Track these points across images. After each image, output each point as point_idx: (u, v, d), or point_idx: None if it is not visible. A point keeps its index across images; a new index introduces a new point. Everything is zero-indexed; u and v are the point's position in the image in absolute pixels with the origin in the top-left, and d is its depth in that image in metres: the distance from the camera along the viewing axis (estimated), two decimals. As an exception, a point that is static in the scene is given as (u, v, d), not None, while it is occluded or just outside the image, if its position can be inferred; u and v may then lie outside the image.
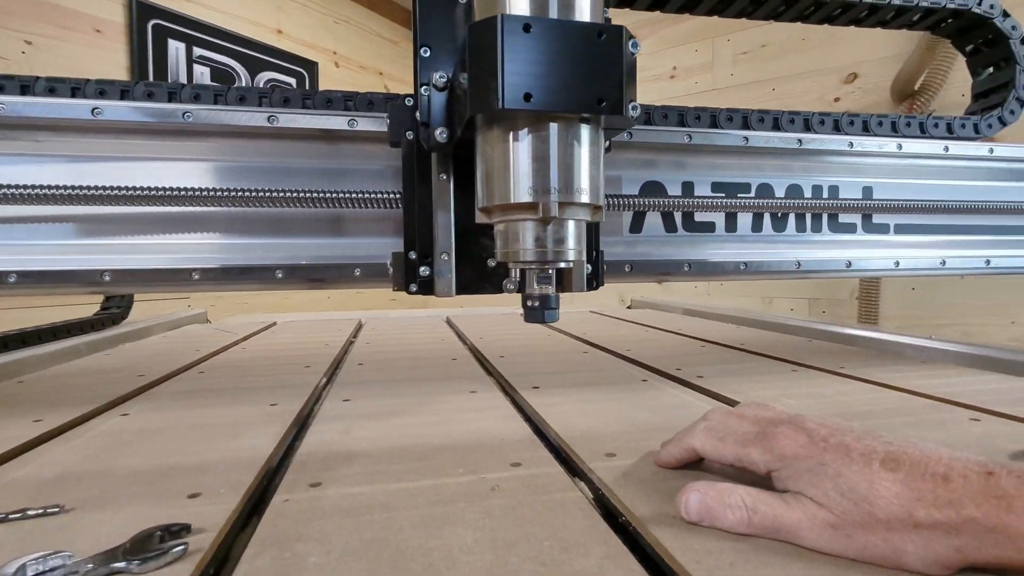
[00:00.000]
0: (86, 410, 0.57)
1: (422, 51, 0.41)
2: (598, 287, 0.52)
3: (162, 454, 0.46)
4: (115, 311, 1.17)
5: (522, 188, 0.35)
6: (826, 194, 0.64)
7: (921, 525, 0.26)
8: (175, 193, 0.44)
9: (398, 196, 0.49)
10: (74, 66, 1.98)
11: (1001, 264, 0.68)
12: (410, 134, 0.47)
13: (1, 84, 0.47)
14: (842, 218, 0.65)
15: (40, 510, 0.35)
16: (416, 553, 0.30)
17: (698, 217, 0.61)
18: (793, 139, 0.60)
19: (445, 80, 0.39)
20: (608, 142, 0.43)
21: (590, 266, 0.50)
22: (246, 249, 0.49)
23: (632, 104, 0.34)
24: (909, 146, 0.63)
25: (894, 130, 0.65)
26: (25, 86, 0.48)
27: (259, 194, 0.46)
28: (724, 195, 0.60)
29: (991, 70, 0.73)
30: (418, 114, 0.46)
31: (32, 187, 0.41)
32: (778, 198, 0.62)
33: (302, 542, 0.31)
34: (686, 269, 0.58)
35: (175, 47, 2.27)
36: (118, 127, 0.45)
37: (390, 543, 0.31)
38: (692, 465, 0.39)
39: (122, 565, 0.28)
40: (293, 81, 2.64)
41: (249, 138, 0.49)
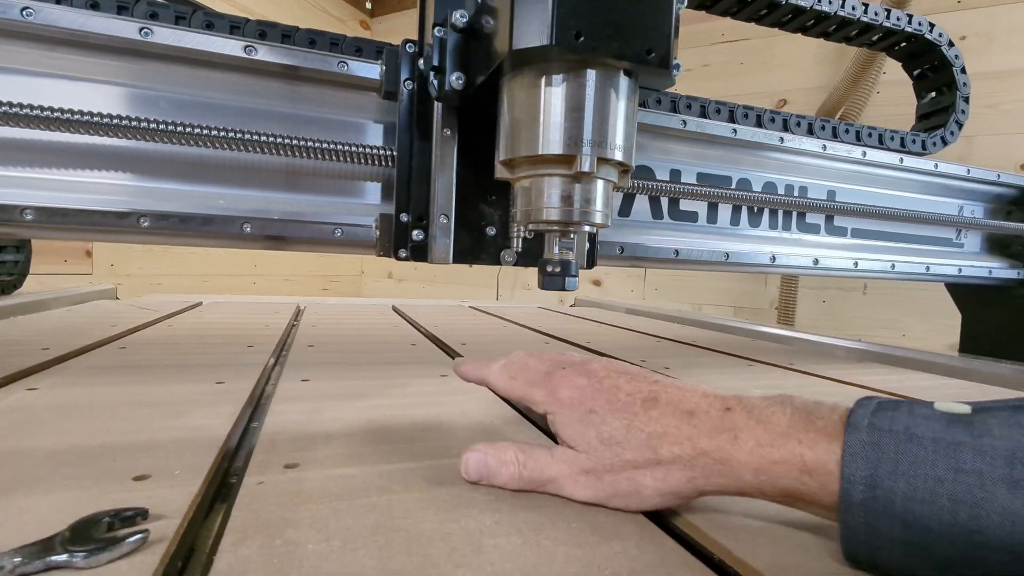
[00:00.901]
0: (-22, 383, 0.47)
1: (437, -12, 0.37)
2: (591, 267, 0.51)
3: (90, 433, 0.38)
4: (6, 279, 1.00)
5: (554, 139, 0.32)
6: (797, 193, 0.67)
7: (663, 461, 0.28)
8: (124, 122, 0.37)
9: (389, 153, 0.44)
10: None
11: (937, 271, 0.74)
12: (409, 84, 0.43)
13: None
14: (809, 218, 0.68)
15: (-66, 494, 0.28)
16: (433, 538, 0.26)
17: (683, 206, 0.61)
18: (775, 136, 0.62)
19: (466, 20, 0.35)
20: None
21: (588, 243, 0.48)
22: (206, 197, 0.43)
23: (676, 61, 0.32)
24: (873, 154, 0.67)
25: (858, 139, 0.69)
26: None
27: (228, 135, 0.40)
28: (709, 184, 0.61)
29: (934, 94, 0.79)
30: (422, 62, 0.42)
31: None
32: (756, 192, 0.63)
33: (292, 528, 0.27)
34: (674, 256, 0.58)
35: None
36: (57, 36, 0.38)
37: (399, 527, 0.27)
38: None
39: (63, 558, 0.22)
40: (225, 47, 2.44)
41: (216, 69, 0.43)
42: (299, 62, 0.43)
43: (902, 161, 0.69)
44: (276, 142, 0.41)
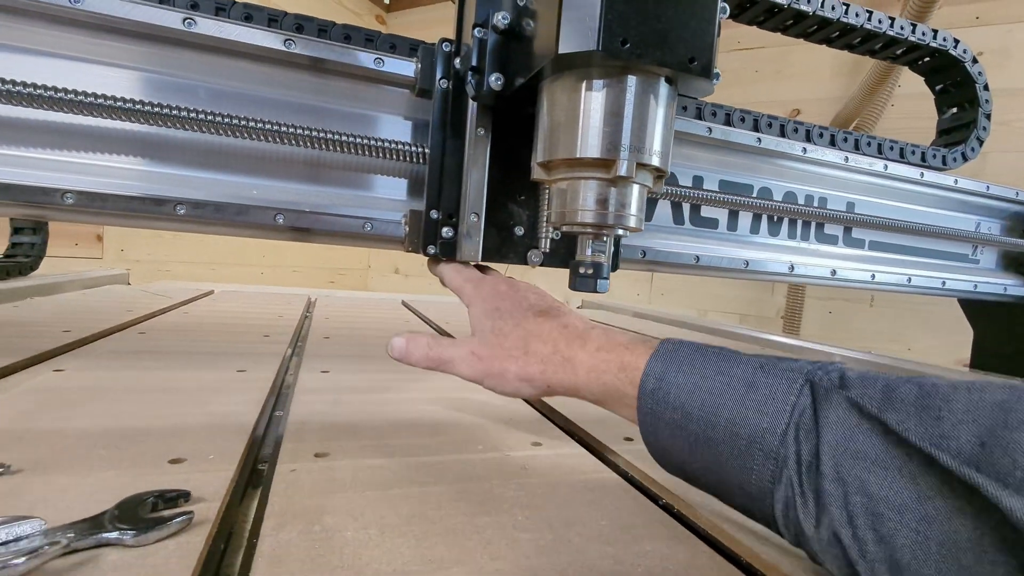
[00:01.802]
0: (4, 363, 0.48)
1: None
2: (614, 270, 0.51)
3: (122, 416, 0.39)
4: (23, 260, 1.01)
5: (593, 143, 0.32)
6: (816, 204, 0.67)
7: (528, 353, 0.33)
8: (165, 111, 0.38)
9: (420, 150, 0.45)
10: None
11: (953, 286, 0.74)
12: (444, 82, 0.43)
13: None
14: (827, 229, 0.68)
15: (-21, 469, 0.28)
16: (468, 530, 0.27)
17: (704, 212, 0.62)
18: (799, 147, 0.62)
19: (508, 21, 0.36)
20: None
21: (612, 247, 0.49)
22: (240, 187, 0.43)
23: (716, 70, 0.32)
24: (894, 168, 0.67)
25: (879, 152, 0.69)
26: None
27: (265, 126, 0.40)
28: (731, 192, 0.61)
29: (955, 110, 0.80)
30: (458, 61, 0.43)
31: (-12, 75, 0.34)
32: (776, 201, 0.63)
33: (329, 515, 0.27)
34: (695, 262, 0.58)
35: None
36: (101, 23, 0.38)
37: (433, 519, 0.28)
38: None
39: (113, 535, 0.23)
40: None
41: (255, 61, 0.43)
42: (337, 57, 0.43)
43: (922, 175, 0.69)
44: (311, 135, 0.42)
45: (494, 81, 0.37)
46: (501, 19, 0.36)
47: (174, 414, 0.40)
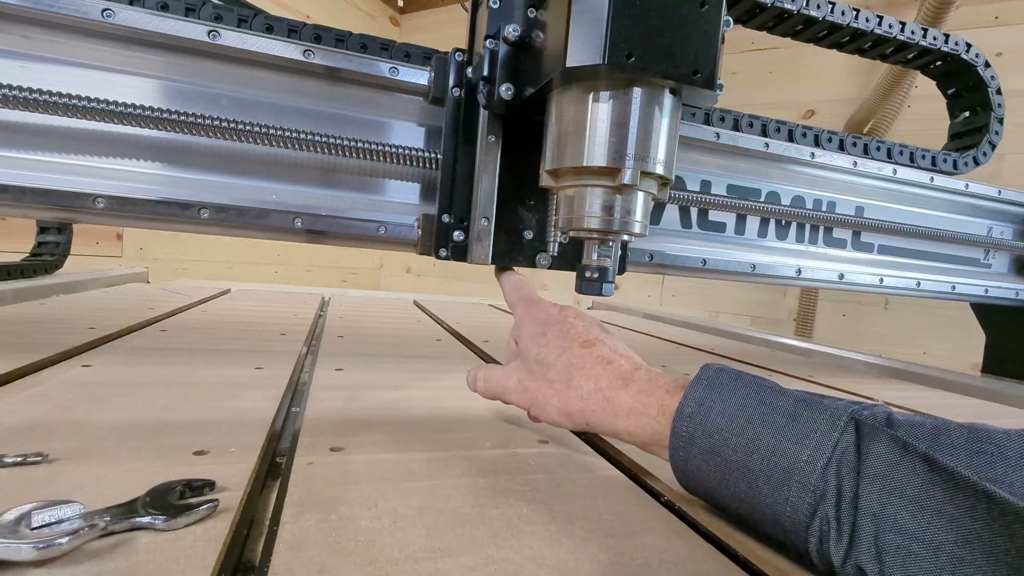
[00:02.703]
0: (36, 358, 0.50)
1: (491, 2, 0.39)
2: (621, 273, 0.52)
3: (147, 409, 0.41)
4: (48, 259, 1.04)
5: (599, 152, 0.33)
6: (825, 208, 0.67)
7: (571, 387, 0.34)
8: (191, 119, 0.40)
9: (434, 156, 0.46)
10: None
11: (963, 290, 0.74)
12: (456, 91, 0.45)
13: (-17, -32, 0.41)
14: (836, 233, 0.69)
15: (19, 457, 0.30)
16: (476, 521, 0.28)
17: (712, 216, 0.62)
18: (807, 151, 0.62)
19: (518, 34, 0.37)
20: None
21: (619, 250, 0.50)
22: (261, 191, 0.45)
23: (720, 81, 0.33)
24: (903, 172, 0.67)
25: (889, 157, 0.69)
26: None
27: (285, 133, 0.42)
28: (738, 197, 0.62)
29: (967, 114, 0.79)
30: (470, 70, 0.44)
31: (30, 90, 0.36)
32: (784, 205, 0.64)
33: (345, 506, 0.29)
34: (702, 265, 0.59)
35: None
36: (131, 35, 0.40)
37: (443, 511, 0.29)
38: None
39: (146, 520, 0.25)
40: (258, 40, 2.49)
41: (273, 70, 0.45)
42: (354, 66, 0.45)
43: (932, 180, 0.69)
44: (328, 142, 0.43)
45: (504, 91, 0.38)
46: (512, 31, 0.37)
47: (197, 408, 0.42)
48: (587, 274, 0.36)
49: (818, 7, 0.65)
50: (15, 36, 0.39)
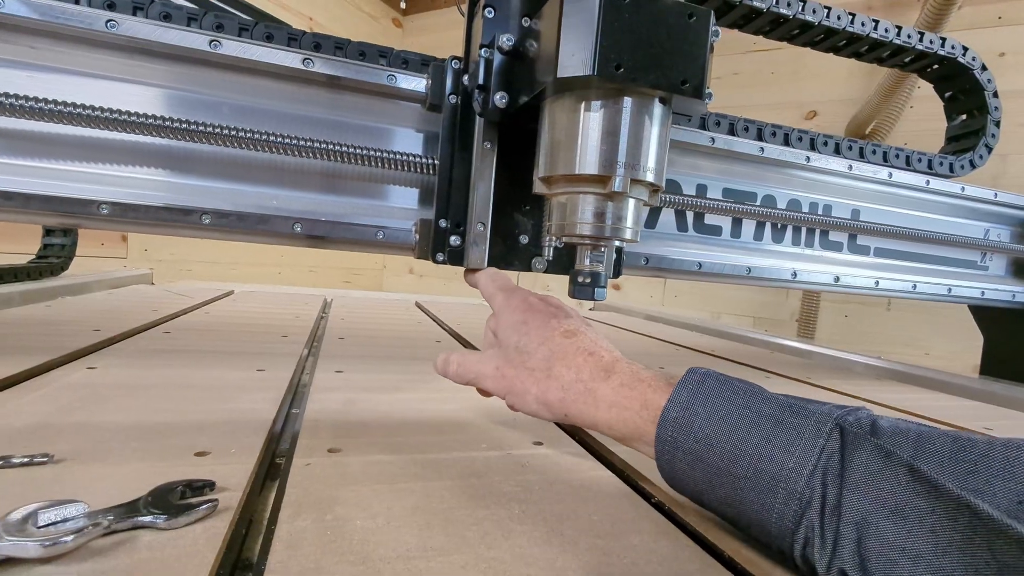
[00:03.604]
0: (42, 360, 0.51)
1: (486, 12, 0.39)
2: (616, 276, 0.53)
3: (150, 411, 0.42)
4: (54, 261, 1.06)
5: (590, 160, 0.34)
6: (821, 211, 0.68)
7: (551, 377, 0.33)
8: (192, 127, 0.41)
9: (431, 162, 0.47)
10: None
11: (959, 292, 0.74)
12: (453, 98, 0.45)
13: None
14: (832, 236, 0.69)
15: (26, 458, 0.31)
16: (467, 522, 0.29)
17: (708, 220, 0.63)
18: (802, 155, 0.63)
19: (512, 43, 0.38)
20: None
21: (614, 254, 0.51)
22: (261, 197, 0.46)
23: (708, 91, 0.34)
24: (899, 175, 0.68)
25: (885, 160, 0.70)
26: (20, -13, 0.42)
27: (285, 140, 0.43)
28: (733, 200, 0.62)
29: (964, 117, 0.80)
30: (466, 78, 0.45)
31: (36, 100, 0.37)
32: (781, 209, 0.64)
33: (340, 506, 0.29)
34: (697, 268, 0.60)
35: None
36: (134, 45, 0.41)
37: (435, 511, 0.30)
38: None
39: (147, 519, 0.25)
40: (261, 42, 2.50)
41: (274, 79, 0.46)
42: (351, 74, 0.46)
43: (928, 183, 0.70)
44: (327, 148, 0.44)
45: (499, 99, 0.39)
46: (506, 41, 0.38)
47: (198, 410, 0.42)
48: (580, 279, 0.37)
49: (813, 12, 0.66)
50: (22, 47, 0.40)
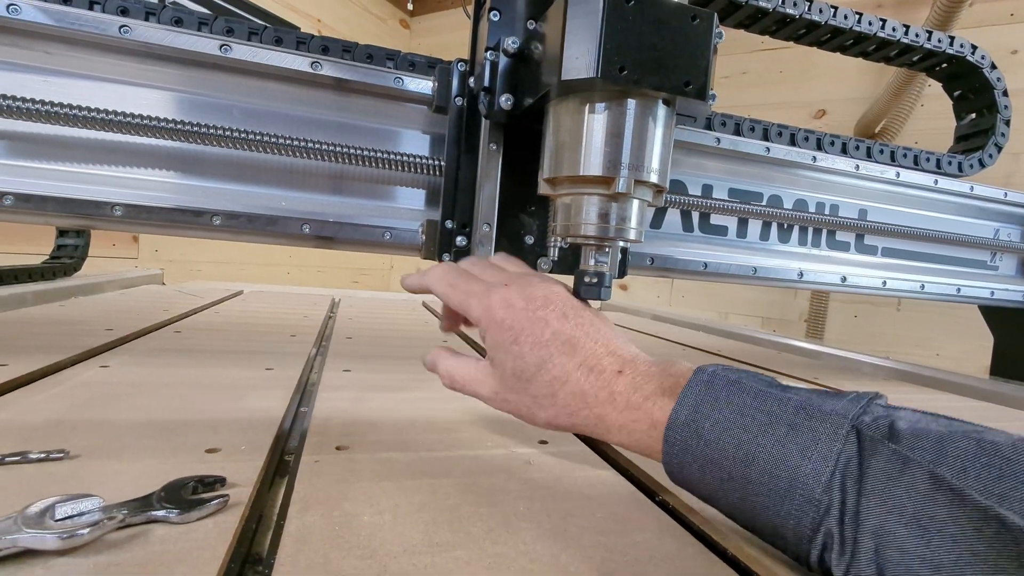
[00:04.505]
0: (57, 359, 0.52)
1: (491, 15, 0.40)
2: (622, 276, 0.53)
3: (162, 409, 0.42)
4: (67, 261, 1.07)
5: (594, 162, 0.34)
6: (828, 211, 0.68)
7: (558, 404, 0.32)
8: (204, 129, 0.41)
9: (437, 163, 0.47)
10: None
11: (968, 293, 0.74)
12: (459, 100, 0.46)
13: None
14: (839, 235, 0.69)
15: (42, 454, 0.32)
16: (473, 518, 0.29)
17: (713, 220, 0.63)
18: (808, 155, 0.63)
19: (517, 46, 0.38)
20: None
21: (620, 254, 0.51)
22: (270, 198, 0.47)
23: (712, 92, 0.34)
24: (906, 175, 0.67)
25: (892, 159, 0.69)
26: (38, -7, 0.43)
27: (295, 143, 0.44)
28: (739, 200, 0.62)
29: (973, 116, 0.79)
30: (472, 80, 0.45)
31: (52, 104, 0.38)
32: (787, 209, 0.64)
33: (348, 502, 0.30)
34: (703, 268, 0.60)
35: (145, -10, 2.12)
36: (146, 50, 0.42)
37: (441, 507, 0.30)
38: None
39: (160, 513, 0.26)
40: (270, 44, 2.53)
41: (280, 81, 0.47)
42: (359, 77, 0.46)
43: (936, 183, 0.69)
44: (335, 150, 0.45)
45: (504, 102, 0.39)
46: (511, 43, 0.39)
47: (209, 408, 0.43)
48: (585, 279, 0.37)
49: (820, 11, 0.66)
50: (38, 52, 0.41)
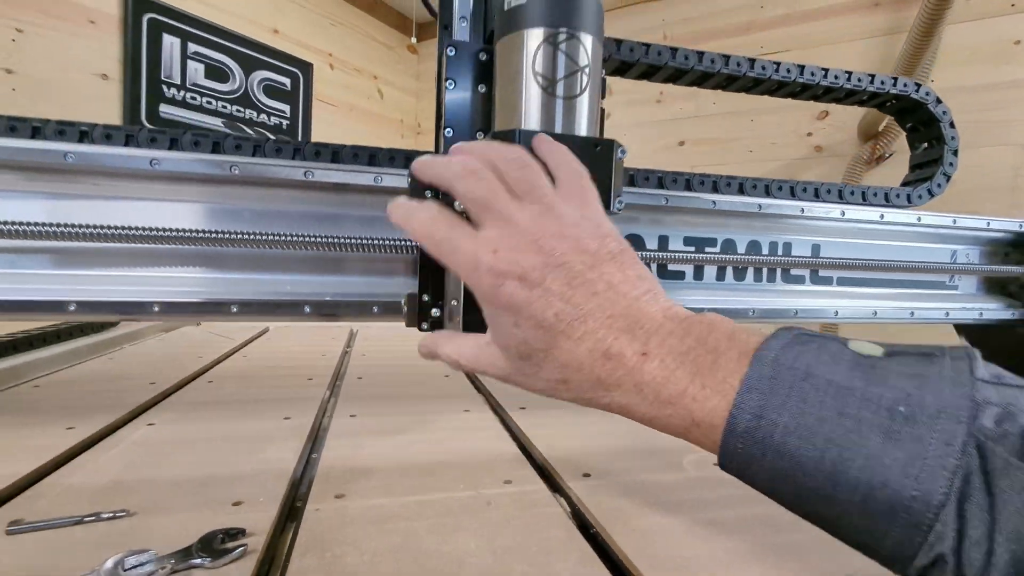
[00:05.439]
0: (112, 419, 0.63)
1: (446, 131, 0.48)
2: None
3: (197, 465, 0.52)
4: (113, 313, 1.20)
5: (527, 260, 0.42)
6: (780, 251, 0.74)
7: (572, 388, 0.30)
8: (223, 235, 0.51)
9: (415, 244, 0.56)
10: (65, 56, 1.99)
11: (922, 315, 0.79)
12: (428, 192, 0.55)
13: (63, 130, 0.53)
14: (793, 271, 0.75)
15: (111, 514, 0.41)
16: (432, 556, 0.38)
17: (671, 267, 0.70)
18: (754, 204, 0.69)
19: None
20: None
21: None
22: (276, 284, 0.56)
23: (619, 200, 0.42)
24: (852, 212, 0.73)
25: (840, 198, 0.75)
26: (84, 132, 0.54)
27: (295, 239, 0.53)
28: (694, 249, 0.69)
29: (926, 145, 0.84)
30: (436, 179, 0.54)
31: (101, 227, 0.48)
32: (740, 254, 0.71)
33: (338, 545, 0.39)
34: (657, 314, 0.67)
35: (170, 42, 2.28)
36: (173, 176, 0.52)
37: (411, 548, 0.39)
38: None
39: (198, 561, 0.35)
40: (288, 81, 2.67)
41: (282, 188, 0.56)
42: (344, 179, 0.55)
43: (883, 217, 0.75)
44: (328, 241, 0.54)
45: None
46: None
47: (234, 462, 0.53)
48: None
49: (763, 68, 0.72)
50: (87, 184, 0.51)
